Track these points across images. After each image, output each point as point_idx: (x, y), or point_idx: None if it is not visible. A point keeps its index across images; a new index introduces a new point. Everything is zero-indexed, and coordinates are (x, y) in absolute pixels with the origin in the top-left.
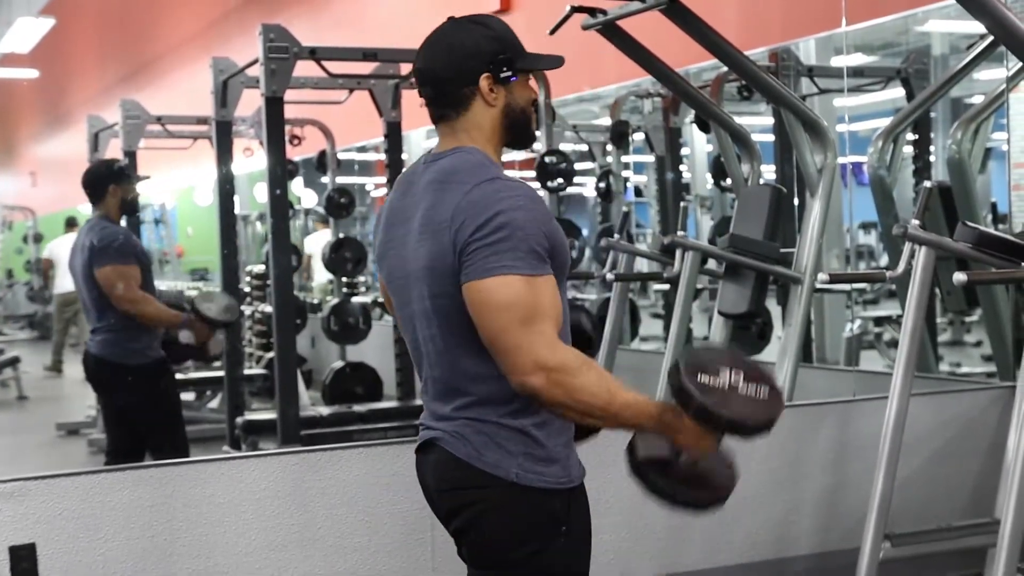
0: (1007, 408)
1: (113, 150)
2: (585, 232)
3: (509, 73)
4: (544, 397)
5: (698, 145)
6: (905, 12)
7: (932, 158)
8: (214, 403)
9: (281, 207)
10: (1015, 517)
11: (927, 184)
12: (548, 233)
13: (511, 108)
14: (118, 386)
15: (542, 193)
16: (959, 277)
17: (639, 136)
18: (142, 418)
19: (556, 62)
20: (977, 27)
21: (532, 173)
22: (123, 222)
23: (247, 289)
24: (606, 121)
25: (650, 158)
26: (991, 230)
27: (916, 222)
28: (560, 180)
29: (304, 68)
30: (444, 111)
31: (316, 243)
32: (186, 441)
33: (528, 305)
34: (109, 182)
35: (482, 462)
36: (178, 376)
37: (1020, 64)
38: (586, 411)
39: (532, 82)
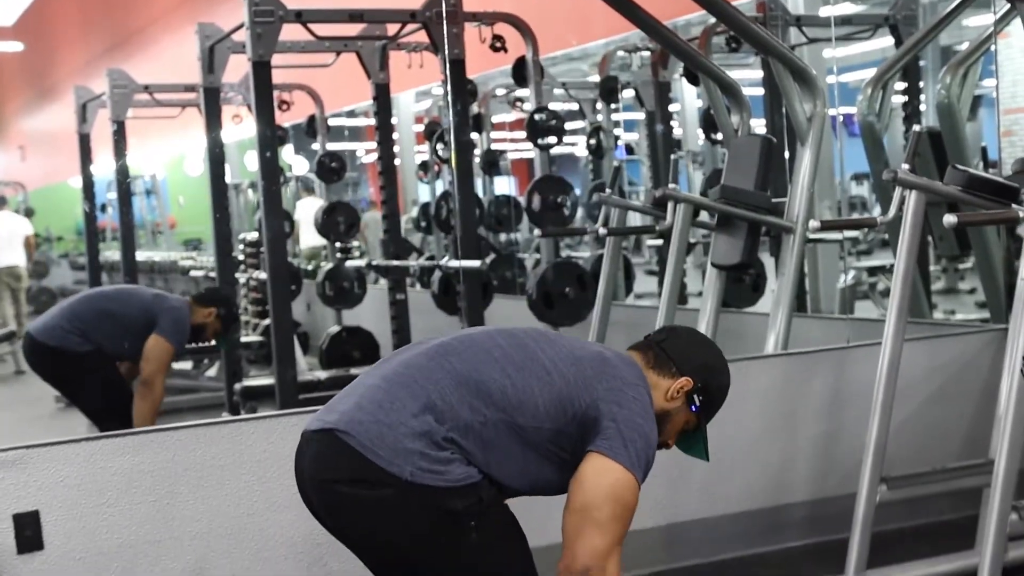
0: (1000, 351)
1: (101, 121)
2: (577, 191)
3: (698, 407)
4: None
5: (688, 100)
6: None
7: (922, 106)
8: (212, 371)
9: (272, 172)
10: (1008, 457)
11: (916, 128)
12: None
13: (671, 413)
14: (77, 369)
15: (528, 154)
16: (949, 219)
17: (629, 93)
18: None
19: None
20: None
21: (518, 134)
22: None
23: (241, 257)
24: (595, 79)
25: (640, 115)
26: (981, 172)
27: (906, 166)
28: (551, 138)
29: (291, 32)
30: (650, 352)
31: (302, 210)
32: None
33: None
34: (216, 305)
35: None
36: None
37: (1007, 8)
38: None
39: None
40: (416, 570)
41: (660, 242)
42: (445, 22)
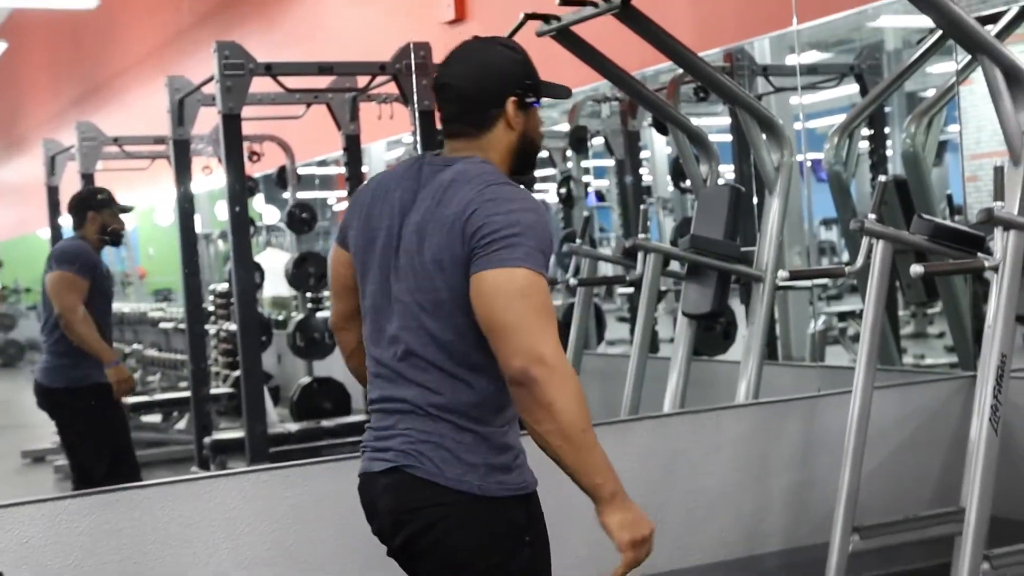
0: (969, 398)
1: (71, 173)
2: None
3: (533, 99)
4: (540, 388)
5: (658, 147)
6: (856, 9)
7: (889, 152)
8: (181, 424)
9: (242, 224)
10: (979, 505)
11: (882, 178)
12: (550, 241)
13: (527, 134)
14: (63, 413)
15: None
16: (916, 269)
17: (599, 140)
18: (86, 444)
19: (566, 92)
20: (928, 21)
21: None
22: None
23: (211, 308)
24: (565, 127)
25: (610, 162)
26: (946, 221)
27: (872, 216)
28: (521, 188)
29: (261, 84)
30: (465, 128)
31: (266, 260)
32: (134, 467)
33: (541, 298)
34: (87, 208)
35: (445, 479)
36: (138, 400)
37: (969, 57)
38: (566, 421)
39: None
40: None
41: (631, 289)
42: (415, 74)
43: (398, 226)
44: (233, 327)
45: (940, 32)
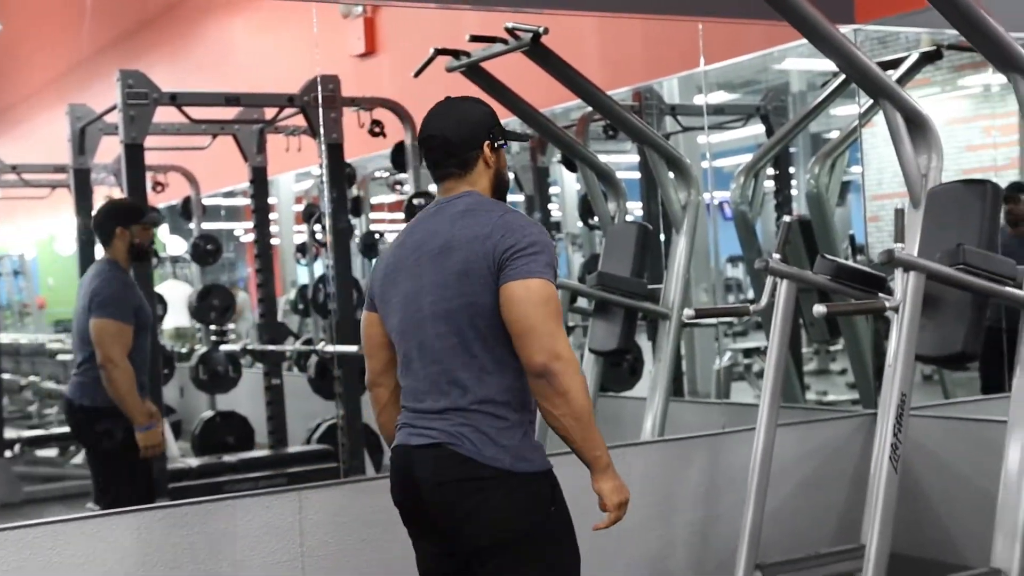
0: (869, 435)
1: None
2: None
3: (502, 141)
4: (558, 380)
5: (568, 184)
6: (761, 52)
7: (794, 192)
8: (78, 459)
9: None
10: (879, 542)
11: (786, 218)
12: (556, 257)
13: (500, 170)
14: (90, 430)
15: None
16: (819, 309)
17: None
18: (109, 463)
19: (527, 137)
20: (833, 65)
21: (402, 215)
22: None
23: None
24: None
25: (520, 198)
26: (848, 262)
27: (777, 256)
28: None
29: (166, 114)
30: (451, 169)
31: (166, 291)
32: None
33: (556, 305)
34: (115, 223)
35: (482, 456)
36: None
37: (871, 101)
38: (578, 406)
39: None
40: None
41: None
42: (323, 107)
43: (420, 255)
44: None
45: (844, 76)
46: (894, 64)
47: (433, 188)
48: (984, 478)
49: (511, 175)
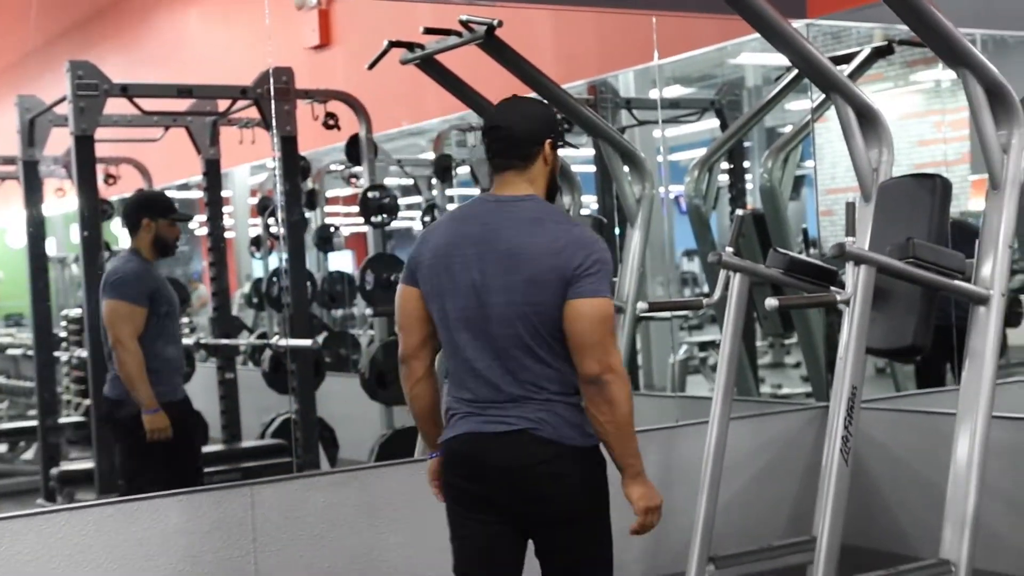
0: (822, 427)
1: None
2: None
3: (561, 142)
4: (609, 389)
5: None
6: (715, 46)
7: (749, 186)
8: (28, 454)
9: (94, 248)
10: (830, 534)
11: (739, 212)
12: (613, 272)
13: (555, 171)
14: (123, 425)
15: (365, 228)
16: (771, 303)
17: (466, 169)
18: (138, 455)
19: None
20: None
21: (356, 208)
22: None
23: (63, 334)
24: (431, 155)
25: (476, 191)
26: (800, 256)
27: (730, 249)
28: (383, 215)
29: (118, 105)
30: (514, 161)
31: None
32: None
33: (612, 321)
34: (142, 215)
35: (559, 436)
36: None
37: (824, 95)
38: (621, 415)
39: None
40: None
41: None
42: (276, 99)
43: (484, 251)
44: (85, 353)
45: (797, 70)
46: (846, 59)
47: (387, 181)
48: (934, 470)
49: (468, 168)
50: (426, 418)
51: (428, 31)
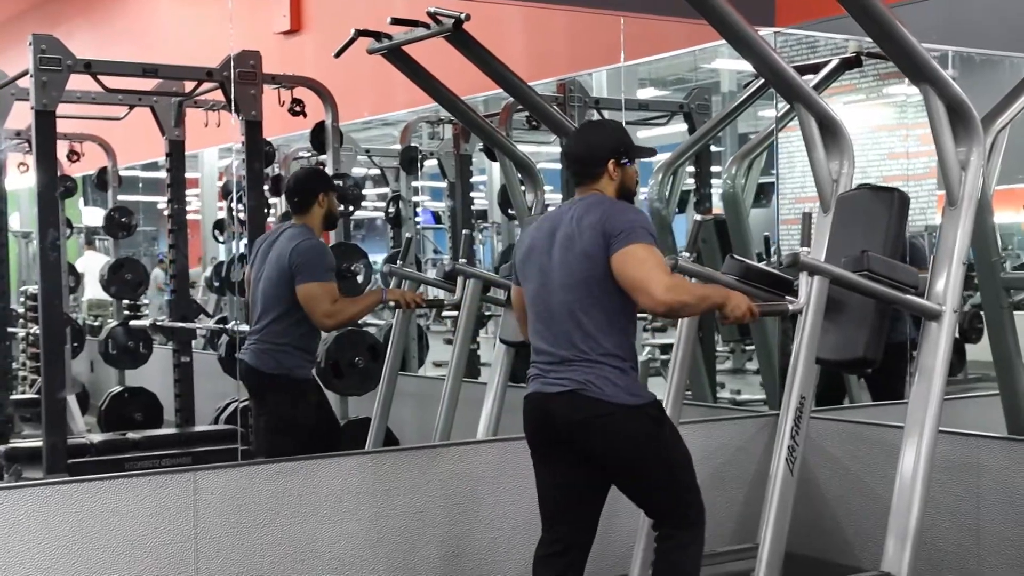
0: (772, 435)
1: None
2: (381, 257)
3: (626, 161)
4: (674, 301)
5: (494, 173)
6: (683, 50)
7: (715, 191)
8: None
9: (51, 225)
10: (773, 542)
11: (698, 218)
12: (651, 224)
13: (624, 183)
14: (266, 396)
15: None
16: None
17: (434, 162)
18: (288, 431)
19: (652, 152)
20: None
21: None
22: None
23: (21, 310)
24: (398, 146)
25: (443, 184)
26: (756, 263)
27: (687, 254)
28: (346, 205)
29: (82, 81)
30: (583, 180)
31: (85, 263)
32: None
33: (654, 258)
34: (319, 190)
35: (607, 395)
36: None
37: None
38: (696, 302)
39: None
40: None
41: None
42: (242, 83)
43: (553, 240)
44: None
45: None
46: (815, 68)
47: (355, 171)
48: (880, 482)
49: (436, 161)
50: (522, 321)
51: (396, 21)
